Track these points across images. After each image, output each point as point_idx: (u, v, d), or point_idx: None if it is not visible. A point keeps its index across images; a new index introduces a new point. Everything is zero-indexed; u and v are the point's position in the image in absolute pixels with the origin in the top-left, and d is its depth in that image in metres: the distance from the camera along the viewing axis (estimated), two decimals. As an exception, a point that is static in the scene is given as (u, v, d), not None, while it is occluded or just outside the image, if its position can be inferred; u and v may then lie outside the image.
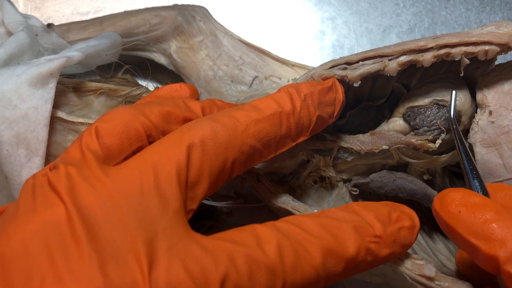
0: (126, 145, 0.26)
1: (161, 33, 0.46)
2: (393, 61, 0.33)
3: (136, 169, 0.24)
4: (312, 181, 0.38)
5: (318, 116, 0.31)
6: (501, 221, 0.25)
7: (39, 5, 0.54)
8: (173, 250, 0.22)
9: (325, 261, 0.25)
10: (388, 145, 0.36)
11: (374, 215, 0.28)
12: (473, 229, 0.26)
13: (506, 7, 0.56)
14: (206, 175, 0.25)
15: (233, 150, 0.27)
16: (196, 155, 0.25)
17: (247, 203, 0.38)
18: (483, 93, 0.36)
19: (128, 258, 0.21)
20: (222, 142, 0.26)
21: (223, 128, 0.27)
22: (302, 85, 0.31)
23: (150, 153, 0.25)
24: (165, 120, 0.28)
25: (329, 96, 0.32)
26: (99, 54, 0.38)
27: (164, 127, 0.28)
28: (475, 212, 0.26)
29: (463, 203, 0.27)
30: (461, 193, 0.27)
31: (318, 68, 0.34)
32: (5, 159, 0.31)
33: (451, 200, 0.27)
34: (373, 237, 0.27)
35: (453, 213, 0.27)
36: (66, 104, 0.35)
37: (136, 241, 0.22)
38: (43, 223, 0.22)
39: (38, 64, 0.32)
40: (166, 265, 0.22)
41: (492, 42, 0.33)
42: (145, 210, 0.23)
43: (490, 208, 0.26)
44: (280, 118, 0.29)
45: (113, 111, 0.28)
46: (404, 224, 0.29)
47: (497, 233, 0.25)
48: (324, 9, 0.55)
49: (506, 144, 0.35)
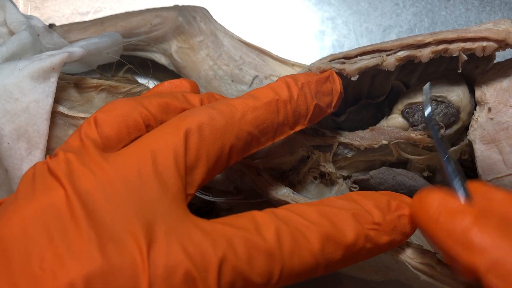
0: (124, 134, 0.27)
1: (161, 33, 0.46)
2: (391, 56, 0.34)
3: (134, 155, 0.24)
4: (312, 177, 0.38)
5: (316, 105, 0.31)
6: (480, 228, 0.25)
7: (39, 5, 0.54)
8: (172, 232, 0.22)
9: (323, 248, 0.25)
10: (388, 140, 0.36)
11: (373, 203, 0.28)
12: (452, 236, 0.25)
13: (506, 7, 0.56)
14: (204, 159, 0.26)
15: (231, 136, 0.27)
16: (193, 140, 0.25)
17: (247, 198, 0.38)
18: (482, 90, 0.36)
19: (127, 240, 0.22)
20: (219, 127, 0.26)
21: (220, 115, 0.27)
22: (299, 75, 0.32)
23: (148, 139, 0.25)
24: (164, 111, 0.29)
25: (326, 86, 0.32)
26: (100, 52, 0.38)
27: (162, 118, 0.29)
28: (454, 218, 0.25)
29: (442, 208, 0.26)
30: (440, 196, 0.27)
31: (317, 62, 0.35)
32: (6, 152, 0.31)
33: (430, 204, 0.27)
34: (372, 224, 0.27)
35: (432, 217, 0.26)
36: (67, 99, 0.35)
37: (135, 224, 0.22)
38: (42, 207, 0.22)
39: (40, 59, 0.32)
40: (165, 247, 0.22)
41: (490, 38, 0.33)
42: (143, 194, 0.23)
43: (468, 214, 0.25)
44: (277, 105, 0.29)
45: (113, 102, 0.28)
46: (403, 212, 0.29)
47: (476, 241, 0.24)
48: (324, 9, 0.55)
49: (506, 140, 0.35)
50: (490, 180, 0.36)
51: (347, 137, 0.37)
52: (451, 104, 0.36)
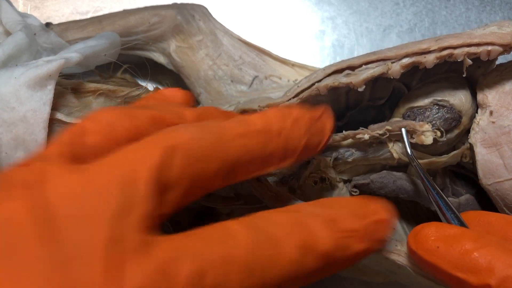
0: (111, 144, 0.25)
1: (160, 32, 0.46)
2: (396, 63, 0.33)
3: (107, 168, 0.23)
4: (313, 182, 0.38)
5: (306, 142, 0.30)
6: (482, 249, 0.25)
7: (38, 4, 0.53)
8: (138, 251, 0.21)
9: (300, 255, 0.24)
10: (392, 127, 0.35)
11: (348, 209, 0.27)
12: (455, 263, 0.25)
13: (506, 6, 0.55)
14: (182, 180, 0.24)
15: (216, 159, 0.25)
16: (173, 158, 0.23)
17: (247, 204, 0.38)
18: (484, 93, 0.36)
19: (90, 257, 0.20)
20: (204, 149, 0.25)
21: (207, 135, 0.25)
22: (294, 108, 0.30)
23: (126, 152, 0.24)
24: (154, 124, 0.27)
25: (318, 124, 0.31)
26: (97, 55, 0.38)
27: (152, 131, 0.27)
28: (453, 244, 0.25)
29: (439, 237, 0.26)
30: (434, 227, 0.27)
31: (320, 71, 0.34)
32: (4, 162, 0.31)
33: (426, 236, 0.27)
34: (348, 231, 0.26)
35: (431, 249, 0.26)
36: (65, 105, 0.35)
37: (99, 241, 0.20)
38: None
39: (36, 66, 0.32)
40: (130, 266, 0.20)
41: (495, 43, 0.33)
42: (111, 209, 0.21)
43: (467, 237, 0.25)
44: (268, 136, 0.28)
45: (101, 111, 0.26)
46: (380, 217, 0.27)
47: (481, 262, 0.24)
48: (324, 9, 0.55)
49: (507, 144, 0.35)
50: (490, 184, 0.36)
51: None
52: (452, 109, 0.36)
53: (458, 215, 0.30)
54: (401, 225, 0.39)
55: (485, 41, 0.33)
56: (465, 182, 0.40)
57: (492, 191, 0.35)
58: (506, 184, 0.35)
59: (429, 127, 0.35)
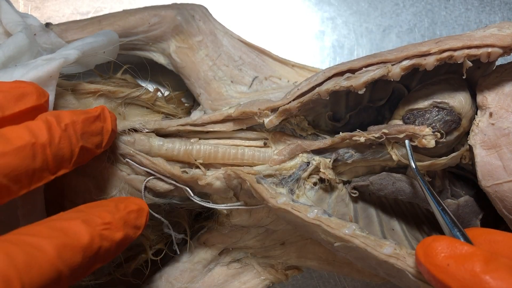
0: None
1: (160, 32, 0.46)
2: (396, 65, 0.33)
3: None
4: (312, 183, 0.38)
5: (82, 147, 0.30)
6: (493, 272, 0.25)
7: (39, 5, 0.53)
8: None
9: (60, 254, 0.25)
10: (389, 130, 0.35)
11: (101, 208, 0.29)
12: (466, 284, 0.25)
13: (505, 7, 0.55)
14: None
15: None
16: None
17: (246, 205, 0.38)
18: (484, 94, 0.36)
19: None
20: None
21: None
22: (64, 113, 0.30)
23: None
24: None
25: (95, 125, 0.31)
26: (96, 52, 0.37)
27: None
28: (465, 264, 0.25)
29: (450, 255, 0.26)
30: (445, 242, 0.27)
31: (320, 74, 0.34)
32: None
33: (437, 251, 0.27)
34: (103, 224, 0.28)
35: (442, 266, 0.26)
36: (65, 106, 0.34)
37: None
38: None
39: (36, 66, 0.31)
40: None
41: (495, 45, 0.33)
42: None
43: (478, 258, 0.25)
44: (33, 149, 0.27)
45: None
46: (132, 208, 0.30)
47: (492, 286, 0.24)
48: (324, 9, 0.55)
49: (506, 146, 0.35)
50: (489, 186, 0.36)
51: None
52: (452, 111, 0.36)
53: (464, 233, 0.30)
54: (400, 226, 0.39)
55: (485, 43, 0.33)
56: (464, 183, 0.40)
57: (491, 192, 0.35)
58: (505, 186, 0.35)
59: (430, 131, 0.35)
